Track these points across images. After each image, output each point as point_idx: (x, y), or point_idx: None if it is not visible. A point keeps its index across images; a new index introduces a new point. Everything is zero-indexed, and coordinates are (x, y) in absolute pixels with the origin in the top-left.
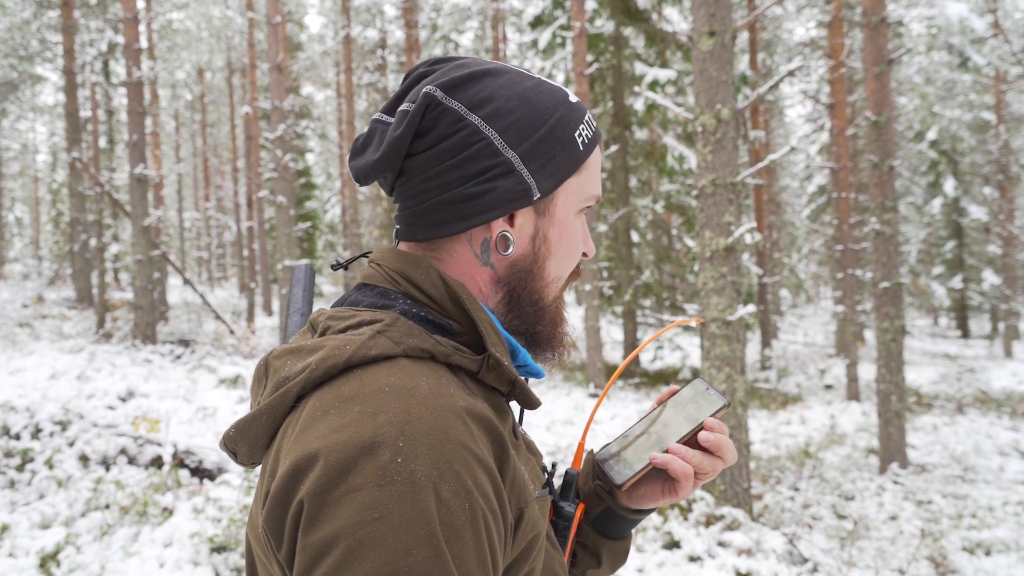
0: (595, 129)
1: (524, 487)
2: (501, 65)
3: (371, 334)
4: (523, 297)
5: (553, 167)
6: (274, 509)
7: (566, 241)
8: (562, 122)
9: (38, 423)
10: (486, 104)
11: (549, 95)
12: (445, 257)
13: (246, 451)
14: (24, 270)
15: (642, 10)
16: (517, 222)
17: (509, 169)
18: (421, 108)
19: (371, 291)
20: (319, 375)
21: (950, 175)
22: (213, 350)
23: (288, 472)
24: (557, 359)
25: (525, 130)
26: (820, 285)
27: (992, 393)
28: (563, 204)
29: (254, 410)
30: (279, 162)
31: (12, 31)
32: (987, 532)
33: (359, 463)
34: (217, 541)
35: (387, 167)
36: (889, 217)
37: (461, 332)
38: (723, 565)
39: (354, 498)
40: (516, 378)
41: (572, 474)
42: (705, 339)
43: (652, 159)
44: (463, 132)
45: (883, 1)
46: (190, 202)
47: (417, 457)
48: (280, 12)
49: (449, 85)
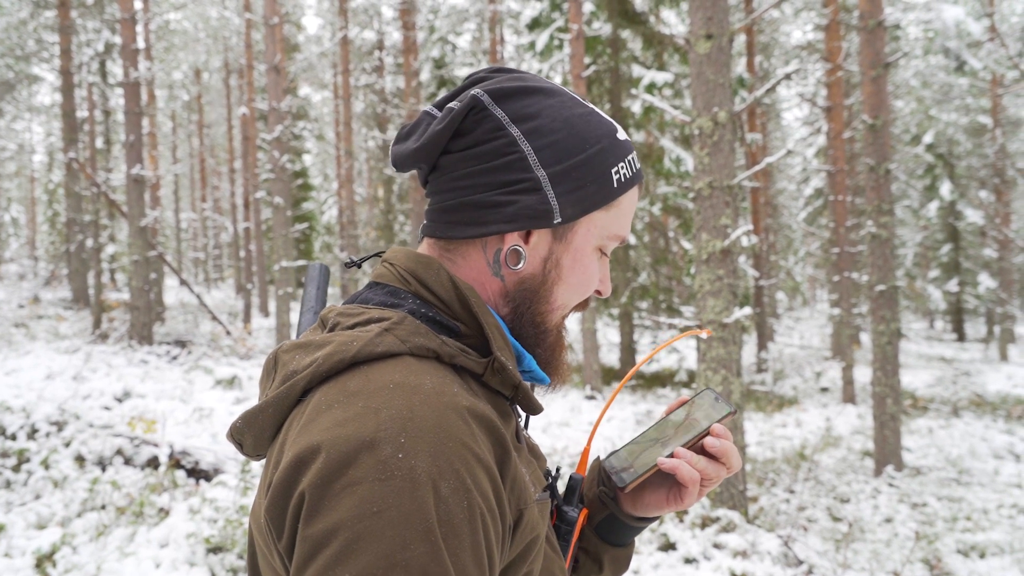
0: (636, 171)
1: (524, 489)
2: (557, 86)
3: (378, 331)
4: (526, 317)
5: (580, 195)
6: (276, 500)
7: (579, 271)
8: (601, 154)
9: (34, 423)
10: (530, 119)
11: (596, 126)
12: (459, 260)
13: (252, 442)
14: (20, 270)
15: (640, 13)
16: (532, 240)
17: (536, 187)
18: (465, 109)
19: (382, 290)
20: (325, 370)
21: (946, 178)
22: (209, 351)
23: (291, 464)
24: (553, 385)
25: (561, 153)
26: (816, 288)
27: (987, 396)
28: (583, 234)
29: (261, 402)
30: (276, 163)
31: (9, 31)
32: (981, 535)
33: (360, 457)
34: (213, 542)
35: (423, 158)
36: (885, 220)
37: (468, 334)
38: (718, 567)
39: (354, 491)
40: (519, 382)
41: (576, 479)
42: (701, 341)
43: (649, 161)
44: (500, 141)
45: (880, 5)
46: (187, 203)
47: (418, 454)
48: (277, 13)
49: (499, 93)
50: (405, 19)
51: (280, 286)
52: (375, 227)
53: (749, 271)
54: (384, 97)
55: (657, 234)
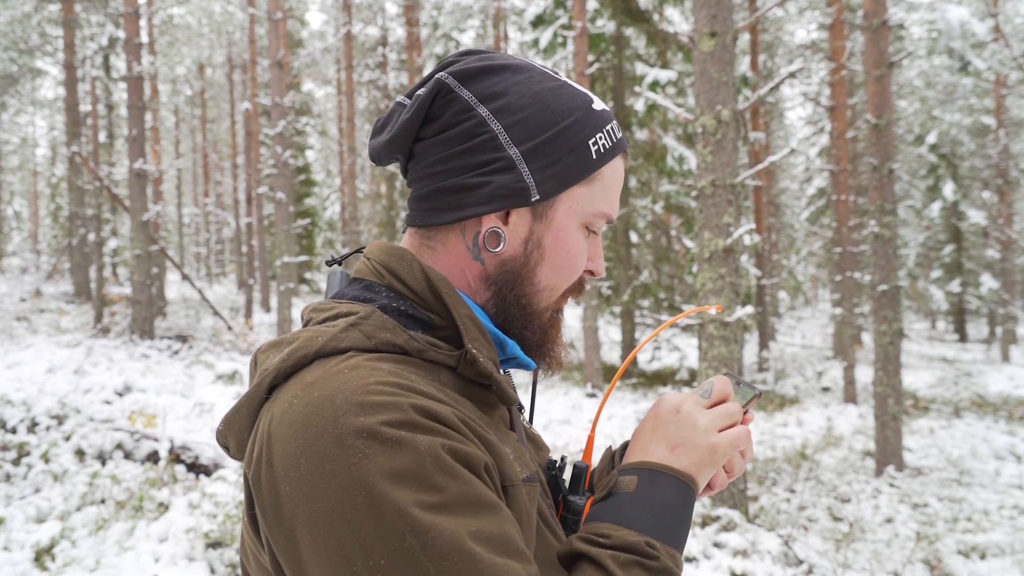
0: (616, 140)
1: (504, 462)
2: (525, 62)
3: (344, 326)
4: (509, 299)
5: (557, 170)
6: (247, 492)
7: (562, 250)
8: (576, 126)
9: (34, 417)
10: (497, 98)
11: (569, 98)
12: (439, 247)
13: (235, 444)
14: (22, 264)
15: (643, 10)
16: (511, 221)
17: (510, 166)
18: (431, 94)
19: (358, 284)
20: (289, 365)
21: (949, 179)
22: (211, 346)
23: (257, 460)
24: (544, 372)
25: (533, 129)
26: (818, 287)
27: (989, 397)
28: (565, 212)
29: (236, 403)
30: (279, 158)
31: (13, 24)
32: (982, 536)
33: (320, 442)
34: (212, 537)
35: (396, 149)
36: (888, 220)
37: (442, 326)
38: (718, 566)
39: (295, 477)
40: (492, 373)
41: (581, 467)
42: (703, 340)
43: (652, 160)
44: (469, 122)
45: (884, 4)
46: (189, 198)
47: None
48: (281, 8)
49: (464, 75)
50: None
51: (282, 282)
52: (377, 223)
53: (751, 270)
54: (387, 93)
55: (659, 232)
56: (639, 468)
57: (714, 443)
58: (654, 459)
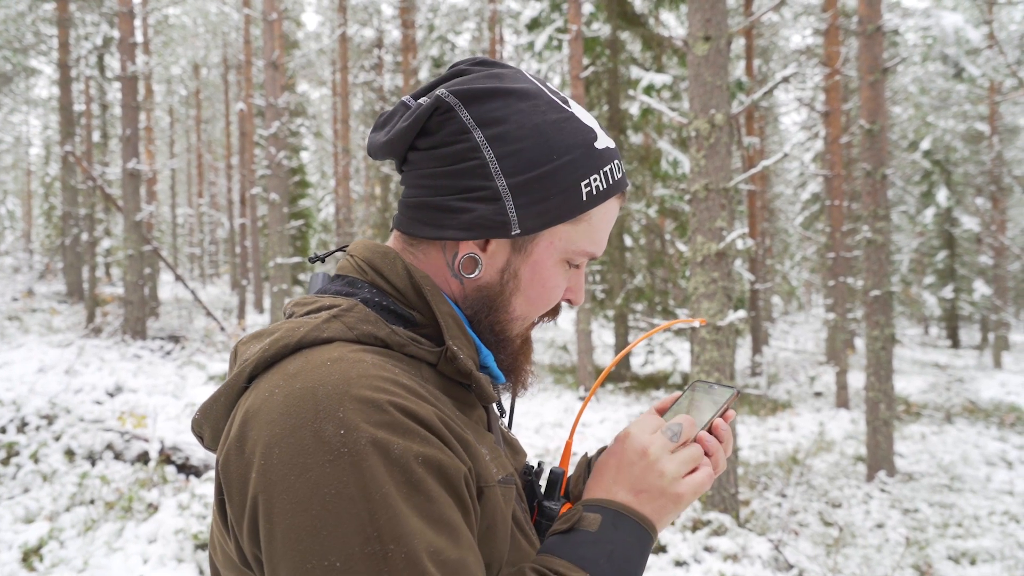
0: (613, 183)
1: (481, 462)
2: (535, 88)
3: (326, 317)
4: (484, 324)
5: (542, 208)
6: (216, 477)
7: (537, 284)
8: (570, 166)
9: (24, 417)
10: (496, 124)
11: (570, 134)
12: (421, 256)
13: (210, 434)
14: (15, 263)
15: (639, 14)
16: (490, 249)
17: (495, 197)
18: (429, 109)
19: (341, 280)
20: (270, 355)
21: (943, 185)
22: (203, 347)
23: (230, 445)
24: (514, 391)
25: (525, 163)
26: (812, 292)
27: (980, 403)
28: (544, 248)
29: (215, 392)
30: (273, 159)
31: (7, 23)
32: (972, 541)
33: (299, 433)
34: (202, 538)
35: (390, 153)
36: (881, 226)
37: (424, 323)
38: (709, 570)
39: (266, 465)
40: (471, 371)
41: (557, 472)
42: (695, 344)
43: (646, 163)
44: (462, 144)
45: (879, 10)
46: (183, 198)
47: (356, 427)
48: (276, 9)
49: (467, 95)
50: (404, 17)
51: (275, 283)
52: (371, 225)
53: (745, 274)
54: (382, 95)
55: (653, 236)
56: (604, 507)
57: (680, 493)
58: (619, 499)
